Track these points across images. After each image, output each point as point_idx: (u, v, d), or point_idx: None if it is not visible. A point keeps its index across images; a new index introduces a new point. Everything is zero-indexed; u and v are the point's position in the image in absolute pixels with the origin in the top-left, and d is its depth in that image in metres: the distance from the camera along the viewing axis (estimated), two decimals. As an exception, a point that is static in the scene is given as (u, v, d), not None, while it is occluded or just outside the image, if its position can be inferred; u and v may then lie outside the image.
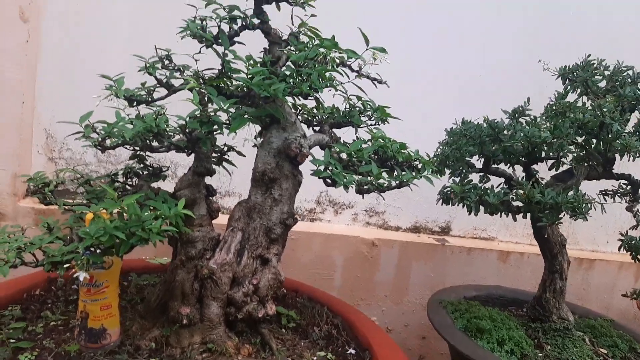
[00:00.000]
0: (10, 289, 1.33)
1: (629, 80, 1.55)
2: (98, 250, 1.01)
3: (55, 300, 1.36)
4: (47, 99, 1.90)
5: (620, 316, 2.40)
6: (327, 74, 1.28)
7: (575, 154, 1.47)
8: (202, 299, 1.23)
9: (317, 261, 2.14)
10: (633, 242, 1.52)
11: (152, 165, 1.37)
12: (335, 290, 2.14)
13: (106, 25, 1.91)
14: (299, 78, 1.17)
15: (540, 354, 1.51)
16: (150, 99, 1.25)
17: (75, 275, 1.00)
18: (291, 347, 1.32)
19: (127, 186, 1.36)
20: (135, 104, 1.24)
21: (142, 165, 1.38)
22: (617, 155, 1.55)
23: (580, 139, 1.51)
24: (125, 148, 1.24)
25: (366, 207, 2.30)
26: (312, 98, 1.26)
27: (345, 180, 1.19)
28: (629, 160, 1.52)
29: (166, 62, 1.29)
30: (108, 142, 1.13)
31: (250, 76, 1.12)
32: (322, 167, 1.24)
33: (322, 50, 1.23)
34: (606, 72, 1.57)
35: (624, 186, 1.72)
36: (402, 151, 1.32)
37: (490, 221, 2.45)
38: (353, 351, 1.37)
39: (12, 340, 1.14)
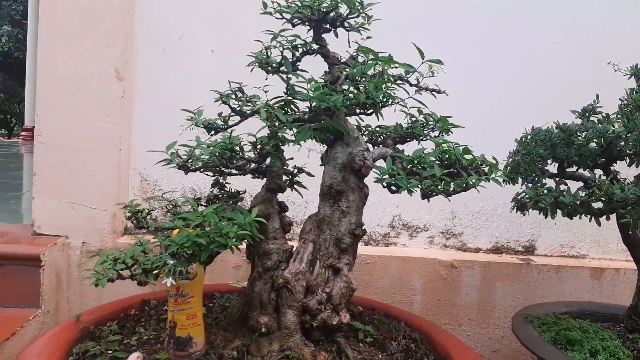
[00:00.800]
0: (109, 309, 1.47)
1: None
2: (182, 258, 1.11)
3: (148, 318, 1.48)
4: (140, 145, 2.13)
5: None
6: (388, 90, 1.35)
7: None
8: (279, 308, 1.28)
9: (395, 284, 2.14)
10: None
11: (230, 190, 1.49)
12: (416, 314, 2.10)
13: (190, 78, 2.13)
14: (357, 90, 1.24)
15: (642, 366, 1.39)
16: (226, 127, 1.38)
17: (163, 282, 1.11)
18: (368, 357, 1.32)
19: (209, 210, 1.48)
20: (213, 132, 1.38)
21: (222, 191, 1.50)
22: None
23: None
24: (206, 174, 1.38)
25: (442, 230, 2.28)
26: (371, 112, 1.32)
27: (409, 184, 1.22)
28: None
29: (239, 94, 1.43)
30: (190, 165, 1.26)
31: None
32: (386, 176, 1.28)
33: (378, 65, 1.30)
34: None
35: None
36: (466, 156, 1.33)
37: (579, 238, 2.33)
38: (432, 362, 1.35)
39: (109, 351, 1.25)
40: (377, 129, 1.57)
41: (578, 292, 2.16)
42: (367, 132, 1.59)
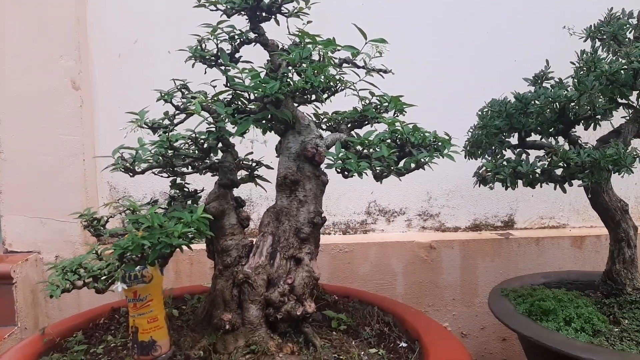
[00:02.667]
0: (78, 319, 1.46)
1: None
2: (131, 262, 1.09)
3: (118, 326, 1.46)
4: (104, 153, 2.10)
5: None
6: (337, 75, 1.33)
7: (606, 109, 1.37)
8: (242, 304, 1.27)
9: (376, 270, 2.12)
10: None
11: (188, 189, 1.47)
12: (399, 298, 2.09)
13: (149, 80, 2.09)
14: (298, 76, 1.22)
15: (616, 329, 1.37)
16: (172, 125, 1.36)
17: (113, 287, 1.09)
18: (338, 345, 1.31)
19: (168, 212, 1.46)
20: (161, 132, 1.35)
21: (181, 191, 1.48)
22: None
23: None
24: (160, 176, 1.36)
25: (419, 212, 2.26)
26: (314, 98, 1.30)
27: (358, 167, 1.20)
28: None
29: (184, 91, 1.41)
30: (135, 167, 1.24)
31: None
32: (339, 161, 1.26)
33: (318, 49, 1.27)
34: (631, 21, 1.48)
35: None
36: (417, 133, 1.31)
37: (557, 208, 2.31)
38: (404, 344, 1.34)
39: (75, 362, 1.24)
40: (334, 115, 1.55)
41: (560, 262, 2.14)
42: (325, 120, 1.57)
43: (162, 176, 1.38)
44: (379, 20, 2.20)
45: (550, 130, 1.55)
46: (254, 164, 1.52)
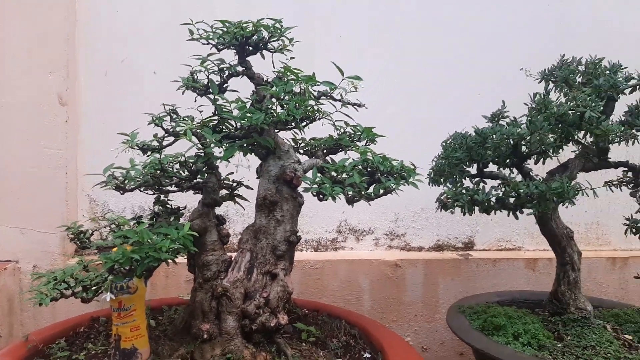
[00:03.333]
0: (58, 328, 1.52)
1: (606, 71, 1.63)
2: (120, 274, 1.18)
3: (97, 334, 1.53)
4: (87, 169, 2.17)
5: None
6: (316, 106, 1.46)
7: (555, 146, 1.53)
8: (220, 315, 1.36)
9: (344, 286, 2.24)
10: (638, 224, 1.54)
11: (171, 206, 1.56)
12: (365, 313, 2.20)
13: (134, 99, 2.19)
14: (281, 108, 1.34)
15: (560, 344, 1.52)
16: (160, 147, 1.45)
17: (102, 297, 1.17)
18: (307, 355, 1.42)
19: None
20: (149, 153, 1.45)
21: (163, 208, 1.57)
22: (614, 145, 1.62)
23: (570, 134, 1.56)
24: (146, 193, 1.45)
25: (386, 232, 2.40)
26: (293, 127, 1.42)
27: (332, 192, 1.33)
28: (619, 144, 1.60)
29: (173, 115, 1.51)
30: (126, 185, 1.33)
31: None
32: (315, 186, 1.38)
33: (300, 83, 1.40)
34: (580, 68, 1.66)
35: (625, 173, 1.76)
36: (386, 162, 1.44)
37: (514, 232, 2.48)
38: (368, 355, 1.45)
39: (58, 367, 1.31)
40: (311, 141, 1.67)
41: (514, 282, 2.30)
42: (302, 145, 1.69)
43: (147, 193, 1.47)
44: (379, 23, 2.36)
45: (507, 161, 1.71)
46: (234, 184, 1.62)
